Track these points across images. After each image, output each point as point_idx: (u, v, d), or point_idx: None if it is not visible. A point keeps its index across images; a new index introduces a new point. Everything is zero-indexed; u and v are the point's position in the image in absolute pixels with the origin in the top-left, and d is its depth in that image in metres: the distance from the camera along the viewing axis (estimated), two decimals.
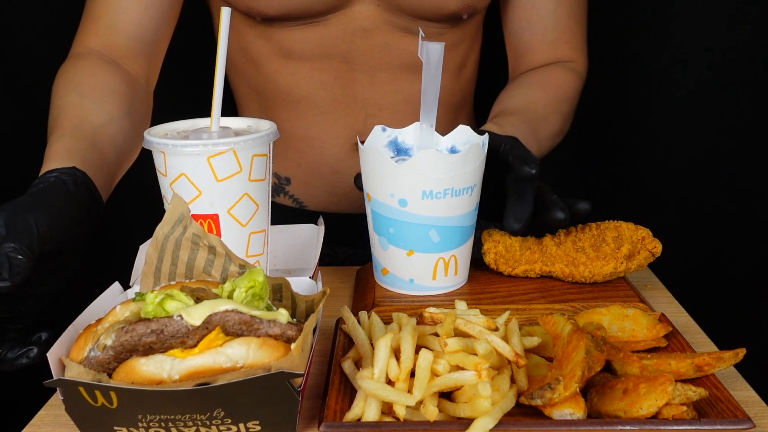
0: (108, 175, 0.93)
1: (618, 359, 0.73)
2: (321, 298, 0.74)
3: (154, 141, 0.81)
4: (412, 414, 0.67)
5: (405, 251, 0.88)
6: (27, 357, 0.73)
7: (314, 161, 1.20)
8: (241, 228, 0.83)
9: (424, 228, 0.87)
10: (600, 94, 1.60)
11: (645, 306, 0.88)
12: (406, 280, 0.90)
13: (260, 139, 0.82)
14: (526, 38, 1.20)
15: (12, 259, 0.69)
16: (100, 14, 1.09)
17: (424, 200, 0.85)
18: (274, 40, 1.12)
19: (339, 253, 1.25)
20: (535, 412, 0.68)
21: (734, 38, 1.54)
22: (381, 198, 0.87)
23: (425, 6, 1.07)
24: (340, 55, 1.12)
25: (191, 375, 0.62)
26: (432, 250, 0.88)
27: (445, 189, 0.85)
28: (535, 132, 1.05)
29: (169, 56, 1.22)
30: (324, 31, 1.10)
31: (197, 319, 0.64)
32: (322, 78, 1.14)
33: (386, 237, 0.89)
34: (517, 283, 0.95)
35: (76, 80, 1.02)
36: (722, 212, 1.64)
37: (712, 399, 0.69)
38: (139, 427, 0.64)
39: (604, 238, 0.93)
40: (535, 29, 1.19)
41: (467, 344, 0.69)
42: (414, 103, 1.17)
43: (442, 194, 0.85)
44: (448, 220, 0.87)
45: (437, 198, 0.85)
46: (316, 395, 0.75)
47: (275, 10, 1.06)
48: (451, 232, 0.88)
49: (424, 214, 0.86)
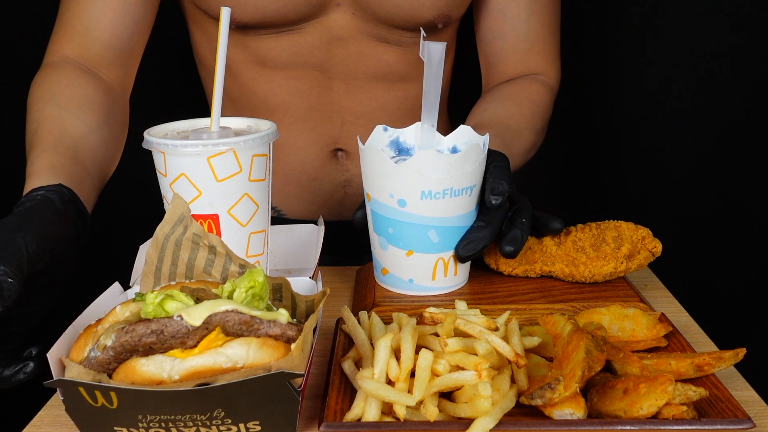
0: (91, 188, 0.92)
1: (618, 359, 0.73)
2: (321, 298, 0.74)
3: (154, 141, 0.81)
4: (412, 414, 0.67)
5: (404, 251, 0.88)
6: (24, 372, 0.73)
7: (292, 169, 1.20)
8: (241, 228, 0.83)
9: (423, 228, 0.86)
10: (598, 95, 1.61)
11: (645, 306, 0.88)
12: (406, 280, 0.90)
13: (260, 139, 0.82)
14: (498, 47, 1.20)
15: (2, 282, 0.69)
16: (73, 22, 1.07)
17: (423, 200, 0.85)
18: (250, 48, 1.12)
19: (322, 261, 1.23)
20: (536, 412, 0.68)
21: (733, 40, 1.54)
22: (380, 198, 0.87)
23: (400, 15, 1.08)
24: (315, 63, 1.12)
25: (191, 375, 0.62)
26: (431, 251, 0.88)
27: (444, 189, 0.84)
28: (508, 147, 1.05)
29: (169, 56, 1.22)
30: (300, 40, 1.10)
31: (197, 319, 0.64)
32: (298, 86, 1.14)
33: (386, 237, 0.89)
34: (517, 283, 0.95)
35: (52, 91, 1.01)
36: (722, 212, 1.64)
37: (713, 399, 0.69)
38: (140, 427, 0.64)
39: (604, 238, 0.93)
40: (507, 39, 1.19)
41: (467, 344, 0.69)
42: (390, 110, 1.17)
43: (441, 194, 0.85)
44: (448, 221, 0.87)
45: (436, 198, 0.85)
46: (316, 395, 0.75)
47: (250, 18, 1.06)
48: (451, 233, 0.88)
49: (424, 215, 0.86)
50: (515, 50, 1.19)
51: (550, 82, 1.21)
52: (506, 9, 1.17)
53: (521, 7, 1.17)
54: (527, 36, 1.18)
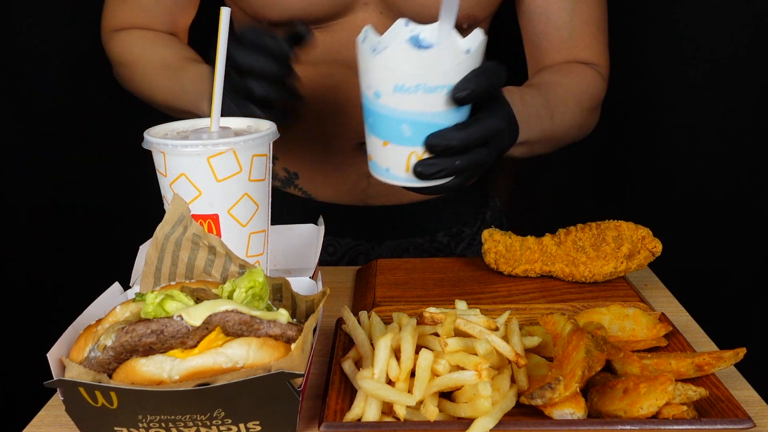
0: None
1: (618, 359, 0.73)
2: (321, 298, 0.74)
3: (153, 141, 0.81)
4: (412, 414, 0.67)
5: (381, 141, 0.87)
6: None
7: (318, 159, 1.23)
8: (241, 228, 0.83)
9: (396, 121, 0.85)
10: None
11: (645, 305, 0.88)
12: (384, 168, 0.88)
13: (260, 139, 0.82)
14: (543, 47, 1.21)
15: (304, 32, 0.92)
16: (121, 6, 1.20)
17: (396, 93, 0.83)
18: None
19: (342, 244, 1.28)
20: (536, 412, 0.68)
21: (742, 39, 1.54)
22: (363, 89, 0.87)
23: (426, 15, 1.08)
24: (343, 60, 1.14)
25: (191, 375, 0.62)
26: (404, 143, 0.86)
27: (417, 84, 0.83)
28: (550, 110, 1.06)
29: None
30: (328, 37, 1.12)
31: (197, 319, 0.64)
32: (325, 82, 1.16)
33: (367, 125, 0.88)
34: (517, 282, 0.95)
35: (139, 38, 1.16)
36: (722, 212, 1.64)
37: (713, 398, 0.69)
38: (140, 427, 0.64)
39: (605, 237, 0.93)
40: (551, 39, 1.20)
41: (467, 344, 0.69)
42: None
43: (414, 89, 0.83)
44: (422, 116, 0.84)
45: (408, 92, 0.83)
46: (316, 395, 0.75)
47: (278, 16, 1.09)
48: (426, 128, 0.85)
49: (396, 108, 0.84)
50: (560, 48, 1.20)
51: (600, 70, 1.22)
52: (548, 12, 1.18)
53: (563, 8, 1.18)
54: (571, 34, 1.19)
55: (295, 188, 1.27)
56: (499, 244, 0.95)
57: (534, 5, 1.19)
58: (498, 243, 0.95)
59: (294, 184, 1.27)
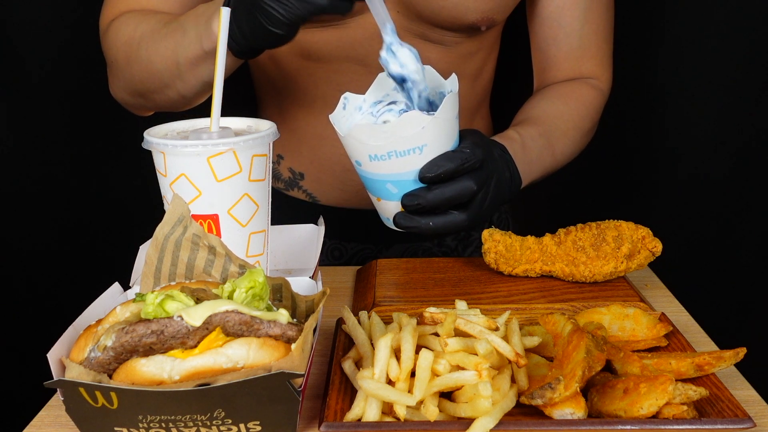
0: None
1: (618, 359, 0.73)
2: (321, 298, 0.74)
3: (153, 141, 0.81)
4: (412, 414, 0.67)
5: (374, 198, 0.93)
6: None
7: (327, 159, 1.22)
8: (241, 228, 0.83)
9: (381, 182, 0.89)
10: None
11: (645, 305, 0.88)
12: (384, 218, 0.94)
13: (260, 140, 0.82)
14: (551, 54, 1.22)
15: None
16: None
17: (372, 162, 0.87)
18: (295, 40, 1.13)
19: (348, 248, 1.27)
20: (536, 412, 0.68)
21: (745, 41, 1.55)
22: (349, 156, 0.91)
23: (444, 16, 1.09)
24: (357, 58, 1.14)
25: (192, 375, 0.62)
26: (392, 198, 0.90)
27: (389, 152, 0.86)
28: (551, 147, 1.08)
29: None
30: (343, 34, 1.12)
31: (197, 319, 0.64)
32: (338, 80, 1.16)
33: (363, 184, 0.93)
34: (518, 282, 0.95)
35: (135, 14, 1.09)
36: (722, 212, 1.64)
37: (713, 398, 0.69)
38: (140, 427, 0.64)
39: (605, 237, 0.93)
40: (560, 46, 1.21)
41: (467, 344, 0.69)
42: None
43: (387, 156, 0.86)
44: (402, 175, 0.88)
45: (383, 159, 0.87)
46: (316, 395, 0.75)
47: None
48: (410, 185, 0.89)
49: (377, 172, 0.88)
50: (568, 57, 1.22)
51: (601, 86, 1.23)
52: (561, 18, 1.19)
53: (576, 16, 1.19)
54: (580, 43, 1.21)
55: (299, 190, 1.26)
56: (499, 244, 0.95)
57: (547, 11, 1.20)
58: (498, 243, 0.95)
59: (298, 185, 1.25)
